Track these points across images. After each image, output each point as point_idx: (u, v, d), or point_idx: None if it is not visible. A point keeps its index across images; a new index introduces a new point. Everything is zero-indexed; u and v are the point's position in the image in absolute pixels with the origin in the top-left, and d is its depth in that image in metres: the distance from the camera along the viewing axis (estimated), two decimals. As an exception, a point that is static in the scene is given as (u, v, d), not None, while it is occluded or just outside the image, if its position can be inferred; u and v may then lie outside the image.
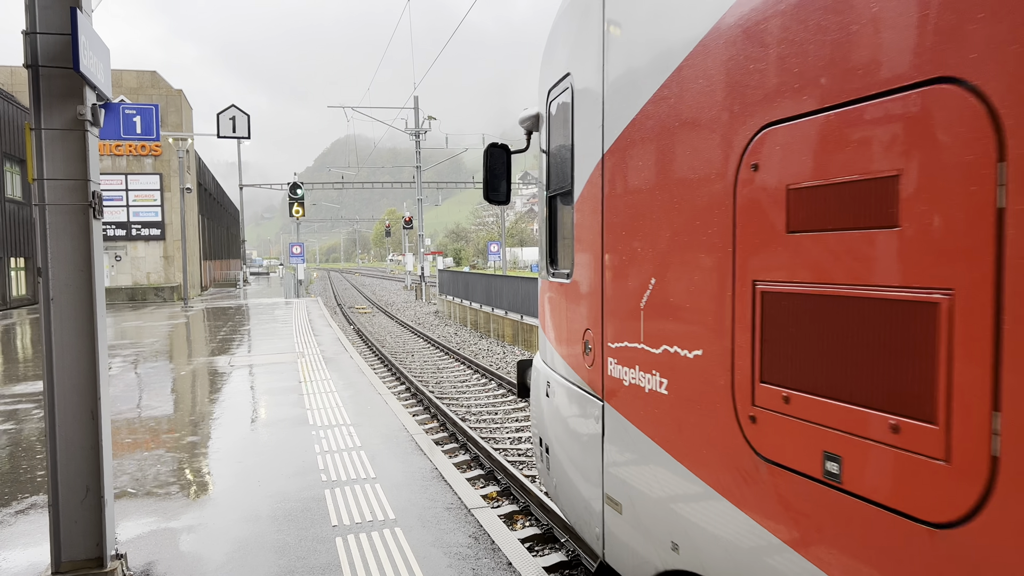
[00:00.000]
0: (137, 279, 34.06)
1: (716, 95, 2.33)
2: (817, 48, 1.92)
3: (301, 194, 30.61)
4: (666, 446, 2.69)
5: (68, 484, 3.80)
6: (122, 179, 33.07)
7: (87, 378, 3.80)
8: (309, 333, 17.41)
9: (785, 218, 2.04)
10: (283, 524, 4.92)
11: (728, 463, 2.31)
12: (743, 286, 2.22)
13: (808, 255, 1.97)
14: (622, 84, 2.96)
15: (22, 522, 5.07)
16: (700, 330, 2.45)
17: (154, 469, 6.31)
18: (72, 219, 3.74)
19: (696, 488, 2.49)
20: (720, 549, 2.38)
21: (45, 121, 3.68)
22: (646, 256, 2.81)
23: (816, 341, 1.95)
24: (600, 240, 3.21)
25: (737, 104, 2.23)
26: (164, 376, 11.46)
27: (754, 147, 2.16)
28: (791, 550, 2.05)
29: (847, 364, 1.85)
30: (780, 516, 2.10)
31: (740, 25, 2.21)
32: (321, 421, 7.97)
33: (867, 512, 1.80)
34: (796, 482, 2.02)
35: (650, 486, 2.82)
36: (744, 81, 2.20)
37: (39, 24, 3.61)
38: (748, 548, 2.24)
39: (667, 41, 2.61)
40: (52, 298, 3.72)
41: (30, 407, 9.12)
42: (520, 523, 6.31)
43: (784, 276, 2.06)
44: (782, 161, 2.05)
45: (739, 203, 2.23)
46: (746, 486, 2.24)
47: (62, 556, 3.81)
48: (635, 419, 2.94)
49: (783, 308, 2.07)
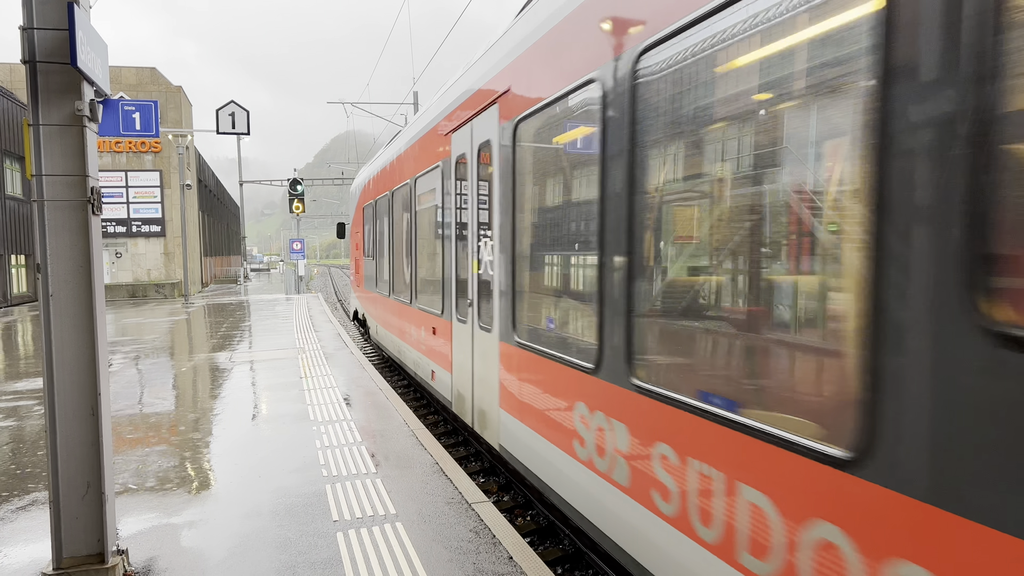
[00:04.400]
0: (138, 276, 34.07)
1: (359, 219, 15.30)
2: (377, 184, 11.93)
3: (301, 190, 30.58)
4: (380, 322, 13.23)
5: (69, 480, 3.81)
6: (122, 176, 33.04)
7: (87, 374, 3.80)
8: (310, 329, 17.42)
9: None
10: (284, 519, 4.93)
11: (383, 319, 12.79)
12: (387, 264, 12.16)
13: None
14: (364, 207, 14.73)
15: (23, 518, 5.07)
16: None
17: (155, 465, 6.32)
18: (71, 215, 3.73)
19: (390, 331, 12.00)
20: (401, 356, 11.13)
21: (43, 117, 3.67)
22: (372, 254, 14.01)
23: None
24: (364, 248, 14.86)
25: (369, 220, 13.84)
26: (165, 372, 11.47)
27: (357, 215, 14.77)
28: (410, 347, 10.12)
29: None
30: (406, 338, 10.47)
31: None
32: (322, 416, 7.97)
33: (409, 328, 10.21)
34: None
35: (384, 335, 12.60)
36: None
37: (36, 19, 3.60)
38: (403, 350, 10.90)
39: (372, 197, 13.58)
40: (52, 294, 3.72)
41: (31, 404, 9.13)
42: (520, 519, 6.31)
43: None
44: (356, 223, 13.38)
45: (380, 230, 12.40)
46: (388, 325, 12.29)
47: (63, 552, 3.82)
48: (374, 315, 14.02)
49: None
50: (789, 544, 2.57)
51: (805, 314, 2.66)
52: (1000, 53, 1.86)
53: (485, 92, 6.09)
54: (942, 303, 2.00)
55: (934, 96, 2.03)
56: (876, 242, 2.21)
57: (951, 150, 1.97)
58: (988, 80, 1.89)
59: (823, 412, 2.51)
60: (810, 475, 2.45)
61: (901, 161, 2.12)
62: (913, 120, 2.09)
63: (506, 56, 5.59)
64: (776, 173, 2.81)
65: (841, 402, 2.38)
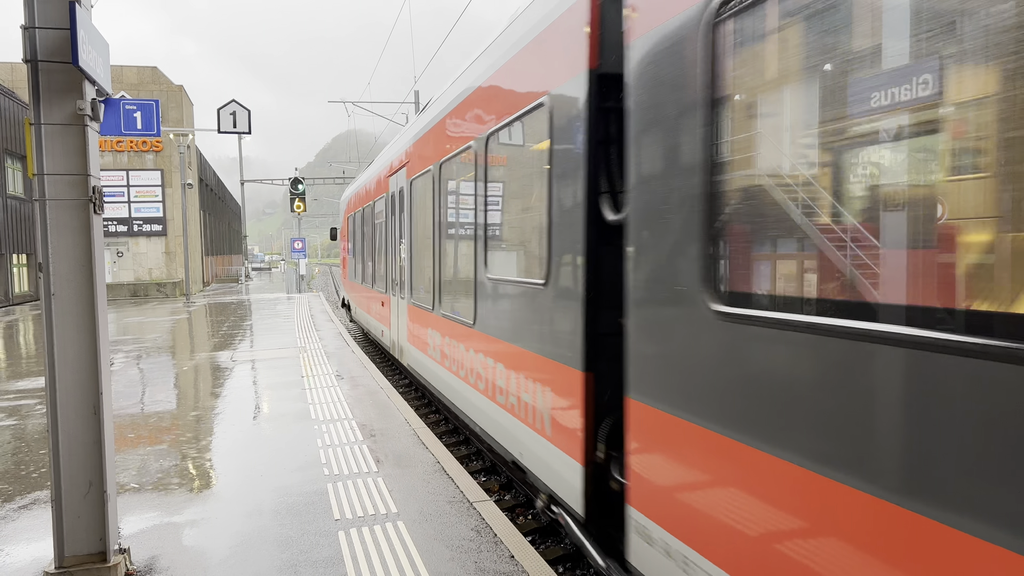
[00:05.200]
0: (139, 275, 34.10)
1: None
2: (354, 203, 17.62)
3: (302, 189, 30.58)
4: (356, 303, 17.14)
5: (71, 479, 3.81)
6: (123, 175, 33.08)
7: (89, 373, 3.80)
8: (311, 328, 17.43)
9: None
10: (286, 518, 4.93)
11: (357, 300, 17.39)
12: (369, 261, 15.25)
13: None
14: (350, 215, 18.58)
15: (25, 517, 5.08)
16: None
17: (157, 464, 6.33)
18: (73, 214, 3.74)
19: (360, 308, 16.57)
20: (368, 325, 15.47)
21: (45, 116, 3.67)
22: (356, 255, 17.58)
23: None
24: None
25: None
26: (166, 371, 11.48)
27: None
28: (371, 316, 14.34)
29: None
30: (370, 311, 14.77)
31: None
32: (323, 415, 7.98)
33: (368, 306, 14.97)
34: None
35: (366, 318, 15.57)
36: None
37: (38, 19, 3.60)
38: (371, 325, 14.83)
39: (351, 212, 18.18)
40: (53, 293, 3.73)
41: (33, 403, 9.14)
42: (521, 518, 6.32)
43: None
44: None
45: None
46: (360, 304, 16.75)
47: (65, 551, 3.83)
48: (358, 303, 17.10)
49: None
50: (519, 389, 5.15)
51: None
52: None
53: (400, 159, 10.48)
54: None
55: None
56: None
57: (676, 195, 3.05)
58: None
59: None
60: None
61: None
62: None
63: (408, 141, 9.92)
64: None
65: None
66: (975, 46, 1.82)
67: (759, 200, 2.61)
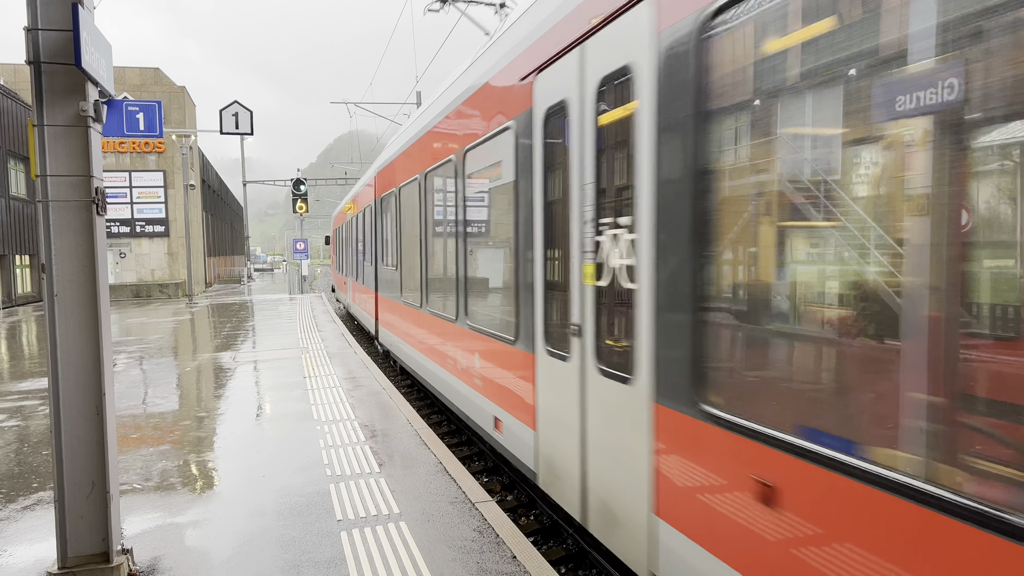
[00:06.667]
0: (142, 276, 34.15)
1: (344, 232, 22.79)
2: (339, 216, 25.35)
3: (304, 190, 30.63)
4: (359, 304, 18.33)
5: (74, 480, 3.82)
6: (126, 176, 33.13)
7: (92, 374, 3.81)
8: (313, 328, 17.44)
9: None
10: (288, 519, 4.94)
11: (342, 290, 24.28)
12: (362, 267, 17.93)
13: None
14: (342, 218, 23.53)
15: (28, 517, 5.09)
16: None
17: (160, 464, 6.34)
18: (75, 215, 3.75)
19: (345, 295, 22.66)
20: (351, 311, 20.79)
21: (48, 117, 3.68)
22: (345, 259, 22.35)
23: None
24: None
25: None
26: (169, 372, 11.50)
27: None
28: (357, 306, 18.46)
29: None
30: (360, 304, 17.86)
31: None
32: (325, 416, 7.99)
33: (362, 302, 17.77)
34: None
35: (360, 312, 18.06)
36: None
37: (41, 20, 3.61)
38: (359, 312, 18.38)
39: (338, 224, 25.48)
40: (56, 294, 3.73)
41: (36, 403, 9.16)
42: (524, 518, 6.31)
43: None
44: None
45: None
46: (345, 293, 22.88)
47: (68, 551, 3.83)
48: (356, 301, 19.23)
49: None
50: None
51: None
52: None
53: (370, 183, 14.36)
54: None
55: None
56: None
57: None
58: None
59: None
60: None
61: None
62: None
63: (377, 168, 13.39)
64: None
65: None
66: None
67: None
